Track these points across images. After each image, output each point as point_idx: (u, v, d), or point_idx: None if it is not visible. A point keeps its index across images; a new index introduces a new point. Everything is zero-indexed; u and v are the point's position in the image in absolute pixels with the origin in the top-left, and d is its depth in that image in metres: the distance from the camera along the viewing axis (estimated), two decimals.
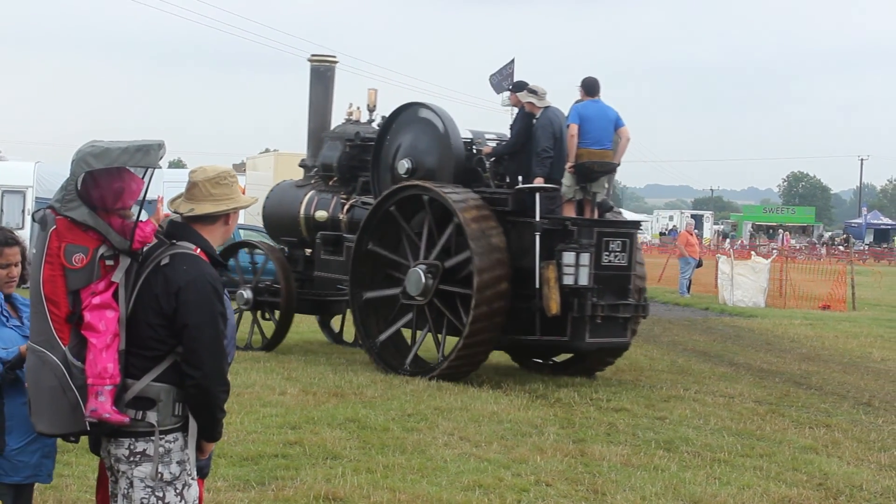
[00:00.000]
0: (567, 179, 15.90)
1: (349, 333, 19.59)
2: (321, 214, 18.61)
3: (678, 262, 37.17)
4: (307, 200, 19.03)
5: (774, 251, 52.15)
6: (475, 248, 15.18)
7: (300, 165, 20.91)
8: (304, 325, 21.02)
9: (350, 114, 19.76)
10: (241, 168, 47.14)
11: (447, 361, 15.57)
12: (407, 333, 17.16)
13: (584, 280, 15.14)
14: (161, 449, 5.31)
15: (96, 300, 5.32)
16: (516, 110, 17.62)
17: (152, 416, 5.30)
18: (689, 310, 31.50)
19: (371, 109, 19.54)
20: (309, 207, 18.92)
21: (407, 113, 17.36)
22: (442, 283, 15.88)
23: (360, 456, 10.80)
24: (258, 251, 19.71)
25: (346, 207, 18.38)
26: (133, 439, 5.31)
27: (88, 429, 5.34)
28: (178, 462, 5.37)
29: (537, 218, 15.37)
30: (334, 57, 20.73)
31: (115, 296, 5.39)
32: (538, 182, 15.64)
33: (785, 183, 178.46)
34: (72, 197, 5.37)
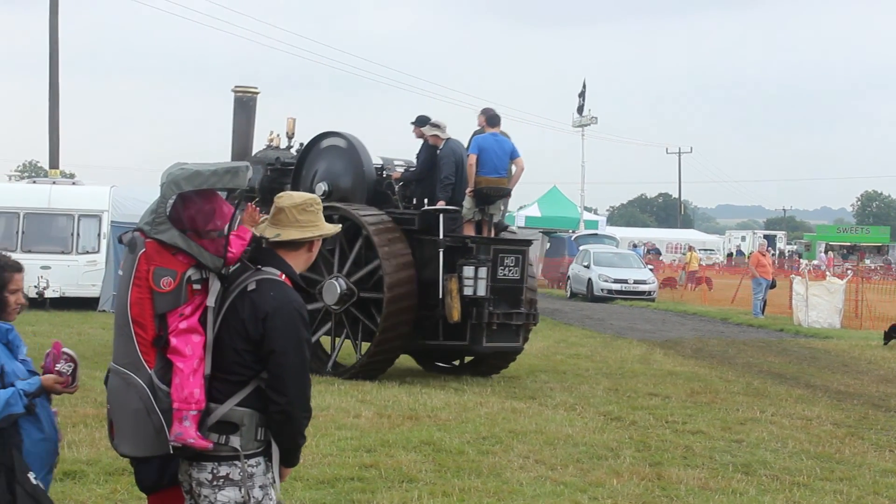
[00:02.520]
0: (467, 202, 17.81)
1: None
2: None
3: (751, 284, 36.83)
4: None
5: (850, 272, 51.57)
6: (383, 257, 16.98)
7: None
8: None
9: (271, 140, 21.27)
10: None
11: (365, 358, 17.30)
12: (325, 342, 18.77)
13: (481, 291, 17.10)
14: (244, 473, 5.33)
15: (183, 324, 5.35)
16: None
17: (235, 441, 5.32)
18: (764, 331, 31.23)
19: (290, 136, 21.04)
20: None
21: (324, 140, 18.96)
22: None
23: (435, 479, 10.78)
24: None
25: None
26: (216, 463, 5.33)
27: (171, 452, 5.37)
28: (260, 486, 5.38)
29: (441, 236, 17.18)
30: (256, 88, 21.84)
31: (202, 320, 5.43)
32: (441, 205, 17.46)
33: (858, 202, 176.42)
34: (162, 220, 5.42)
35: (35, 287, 28.09)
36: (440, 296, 16.98)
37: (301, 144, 19.93)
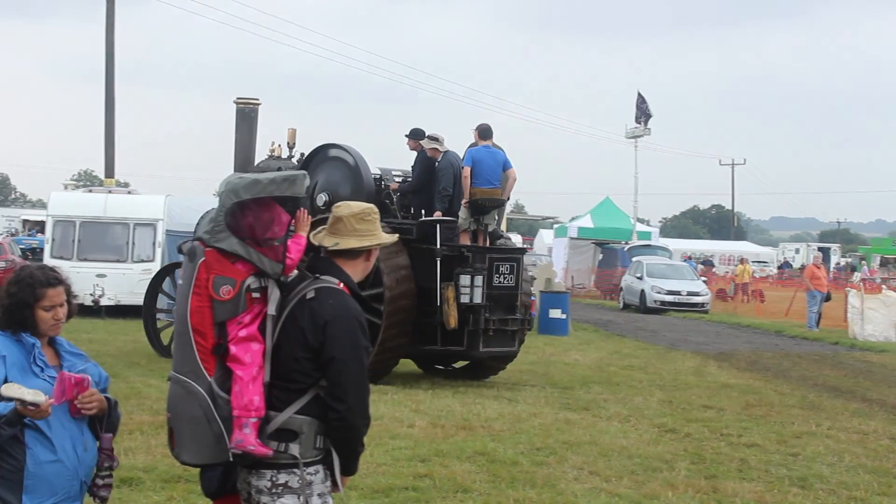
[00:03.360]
0: (463, 213, 18.55)
1: None
2: None
3: (805, 296, 36.55)
4: None
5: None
6: (384, 268, 17.26)
7: None
8: None
9: (272, 150, 21.44)
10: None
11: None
12: None
13: (478, 298, 17.74)
14: (303, 481, 5.33)
15: (243, 332, 5.36)
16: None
17: (295, 449, 5.32)
18: (819, 344, 30.98)
19: (291, 146, 21.28)
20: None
21: (324, 152, 19.36)
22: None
23: (490, 489, 10.76)
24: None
25: None
26: (275, 471, 5.33)
27: (231, 459, 5.38)
28: (318, 494, 5.38)
29: (438, 245, 17.73)
30: (257, 99, 22.18)
31: (261, 328, 5.45)
32: (438, 215, 18.11)
33: None
34: (221, 228, 5.44)
35: (90, 295, 28.36)
36: (438, 303, 17.60)
37: (302, 154, 20.46)
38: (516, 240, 73.18)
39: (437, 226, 17.83)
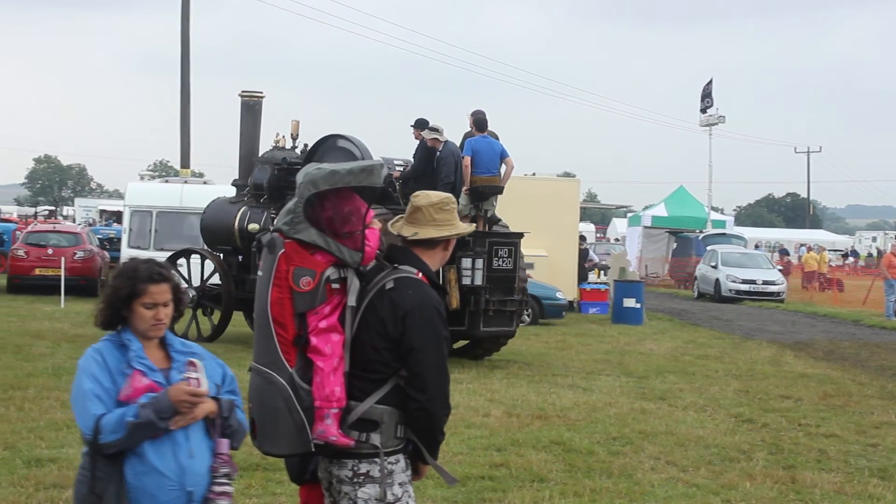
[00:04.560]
0: (464, 199, 19.50)
1: None
2: (253, 227, 20.94)
3: (883, 285, 36.09)
4: (241, 214, 21.53)
5: None
6: (386, 244, 17.90)
7: (232, 185, 23.73)
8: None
9: (277, 141, 22.21)
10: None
11: None
12: None
13: (478, 280, 18.92)
14: (385, 470, 5.36)
15: (323, 324, 5.38)
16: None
17: (376, 438, 5.33)
18: None
19: (294, 138, 22.09)
20: (242, 220, 21.42)
21: (328, 142, 19.53)
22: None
23: (566, 479, 10.75)
24: (199, 257, 22.53)
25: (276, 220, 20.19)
26: (357, 461, 5.35)
27: (313, 450, 5.40)
28: (399, 483, 5.40)
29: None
30: (261, 92, 23.41)
31: (341, 319, 5.47)
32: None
33: None
34: (300, 219, 5.45)
35: None
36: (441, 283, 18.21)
37: (305, 145, 20.99)
38: (589, 229, 73.29)
39: None
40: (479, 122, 20.30)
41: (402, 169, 20.52)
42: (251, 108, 23.21)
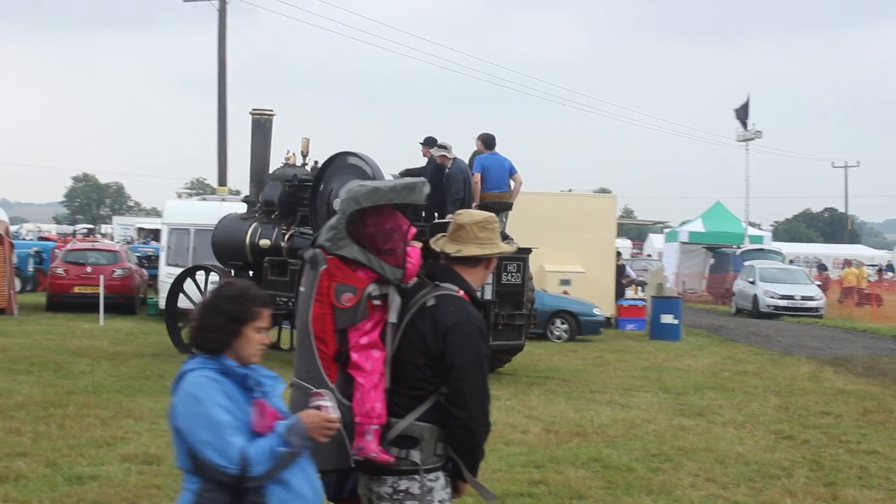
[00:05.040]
0: None
1: (284, 341, 22.97)
2: (265, 242, 21.48)
3: None
4: (251, 230, 21.93)
5: None
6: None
7: (243, 201, 24.39)
8: None
9: (287, 158, 22.57)
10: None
11: None
12: None
13: (488, 295, 19.09)
14: (424, 487, 5.35)
15: (364, 340, 5.39)
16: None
17: (416, 455, 5.33)
18: None
19: (304, 155, 22.40)
20: (254, 236, 21.80)
21: (340, 159, 19.86)
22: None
23: (605, 496, 10.73)
24: (213, 273, 22.74)
25: (287, 237, 21.35)
26: (396, 478, 5.35)
27: (353, 466, 5.41)
28: (439, 501, 5.38)
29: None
30: (271, 110, 23.69)
31: (382, 335, 5.47)
32: (450, 217, 17.61)
33: None
34: (342, 235, 5.49)
35: None
36: None
37: (315, 162, 21.53)
38: (625, 245, 73.13)
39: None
40: (487, 140, 20.85)
41: None
42: (262, 126, 23.54)
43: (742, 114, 61.67)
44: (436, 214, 19.61)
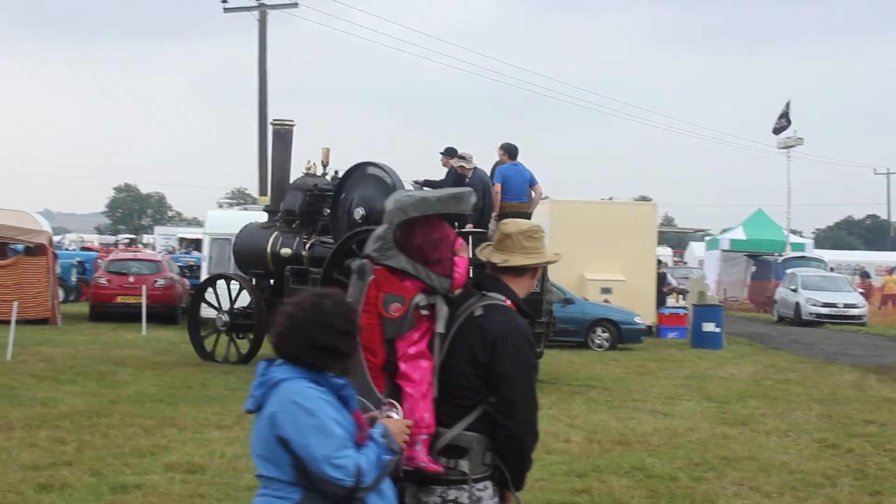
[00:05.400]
0: (493, 225, 19.83)
1: None
2: (286, 251, 21.87)
3: None
4: (273, 239, 22.30)
5: None
6: None
7: (264, 210, 24.91)
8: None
9: (308, 168, 23.00)
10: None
11: None
12: None
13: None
14: (473, 497, 5.34)
15: (412, 350, 5.39)
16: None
17: (464, 465, 5.31)
18: None
19: (325, 164, 22.94)
20: (275, 245, 22.18)
21: (360, 170, 20.40)
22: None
23: None
24: (234, 282, 23.35)
25: (308, 245, 21.75)
26: (445, 487, 5.33)
27: (402, 476, 5.41)
28: None
29: (471, 255, 18.58)
30: (292, 121, 24.15)
31: (429, 345, 5.48)
32: (470, 227, 18.54)
33: None
34: (390, 246, 5.50)
35: None
36: None
37: (336, 172, 22.10)
38: (666, 253, 72.90)
39: (470, 237, 18.11)
40: (510, 149, 21.15)
41: None
42: (282, 136, 24.03)
43: (783, 121, 61.33)
44: (455, 224, 19.83)
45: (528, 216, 20.24)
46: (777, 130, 61.66)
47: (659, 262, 35.48)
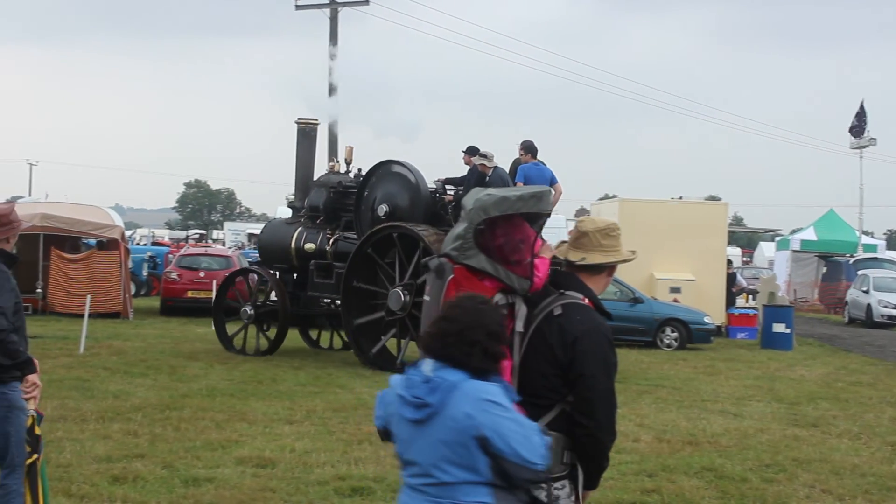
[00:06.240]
0: None
1: (324, 340, 25.18)
2: (310, 246, 22.68)
3: None
4: (297, 235, 23.10)
5: None
6: None
7: (289, 206, 25.64)
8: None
9: (332, 166, 24.03)
10: (582, 214, 47.53)
11: None
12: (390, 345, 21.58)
13: None
14: (552, 496, 5.31)
15: None
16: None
17: None
18: None
19: (348, 163, 23.70)
20: (299, 240, 22.98)
21: (383, 167, 21.30)
22: (416, 297, 19.55)
23: None
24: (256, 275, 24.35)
25: (332, 241, 22.61)
26: None
27: None
28: None
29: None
30: (316, 120, 25.00)
31: (509, 345, 5.46)
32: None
33: None
34: (470, 245, 5.48)
35: None
36: None
37: (359, 170, 22.92)
38: (735, 252, 72.39)
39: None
40: (530, 147, 21.27)
41: (453, 194, 21.48)
42: (307, 134, 24.58)
43: (858, 120, 60.72)
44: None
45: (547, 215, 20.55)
46: (854, 130, 61.08)
47: (729, 262, 35.23)
